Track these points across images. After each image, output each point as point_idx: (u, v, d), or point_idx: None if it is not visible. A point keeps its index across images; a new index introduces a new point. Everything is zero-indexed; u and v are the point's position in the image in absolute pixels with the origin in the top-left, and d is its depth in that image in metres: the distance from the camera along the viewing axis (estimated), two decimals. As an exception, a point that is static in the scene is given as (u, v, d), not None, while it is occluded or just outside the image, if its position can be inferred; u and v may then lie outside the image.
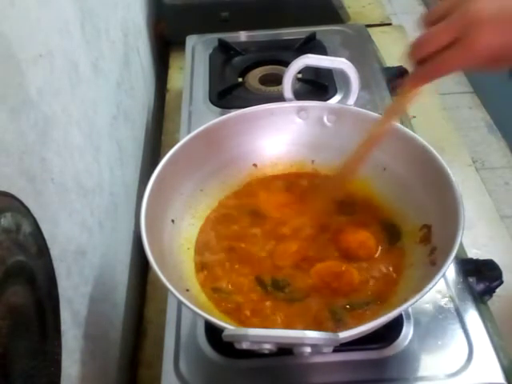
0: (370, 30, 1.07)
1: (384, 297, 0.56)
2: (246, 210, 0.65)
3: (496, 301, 0.66)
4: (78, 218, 0.55)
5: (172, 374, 0.55)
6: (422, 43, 0.48)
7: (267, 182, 0.69)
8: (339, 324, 0.53)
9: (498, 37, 0.44)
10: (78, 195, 0.56)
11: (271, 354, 0.44)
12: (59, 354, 0.43)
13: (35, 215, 0.41)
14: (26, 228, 0.39)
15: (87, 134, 0.62)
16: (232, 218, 0.65)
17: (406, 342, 0.56)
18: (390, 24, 1.24)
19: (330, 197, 0.63)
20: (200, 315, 0.49)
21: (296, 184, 0.68)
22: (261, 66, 0.98)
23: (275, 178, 0.69)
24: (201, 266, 0.60)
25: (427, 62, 0.49)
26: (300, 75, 0.91)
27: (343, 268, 0.58)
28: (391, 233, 0.62)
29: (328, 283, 0.57)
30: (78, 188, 0.56)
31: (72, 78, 0.58)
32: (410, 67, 0.52)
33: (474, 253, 0.73)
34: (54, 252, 0.44)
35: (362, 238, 0.61)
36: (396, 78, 0.95)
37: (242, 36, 1.08)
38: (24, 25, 0.46)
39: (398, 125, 0.65)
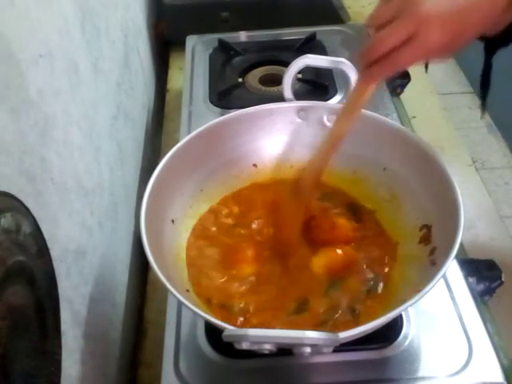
0: (370, 30, 1.07)
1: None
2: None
3: (496, 301, 0.66)
4: (78, 218, 0.55)
5: (172, 373, 0.55)
6: (375, 46, 0.50)
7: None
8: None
9: (448, 31, 0.48)
10: (78, 195, 0.56)
11: (271, 354, 0.44)
12: (59, 354, 0.43)
13: (35, 215, 0.41)
14: (26, 228, 0.39)
15: (87, 134, 0.62)
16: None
17: (406, 342, 0.56)
18: (389, 24, 1.24)
19: (303, 201, 0.63)
20: (200, 315, 0.49)
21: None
22: (261, 67, 0.98)
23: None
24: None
25: (378, 62, 0.51)
26: (300, 75, 0.92)
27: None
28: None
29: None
30: (78, 188, 0.56)
31: (72, 78, 0.58)
32: (359, 68, 0.54)
33: (474, 253, 0.73)
34: (54, 252, 0.44)
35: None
36: (395, 78, 0.95)
37: (242, 36, 1.09)
38: (24, 25, 0.46)
39: (399, 125, 0.65)
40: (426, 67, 0.66)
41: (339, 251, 0.60)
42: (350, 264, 0.59)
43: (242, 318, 0.55)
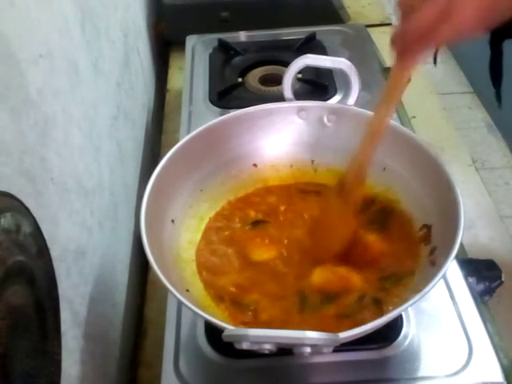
0: (369, 30, 1.07)
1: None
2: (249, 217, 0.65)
3: (496, 301, 0.66)
4: (78, 218, 0.55)
5: (172, 374, 0.55)
6: (410, 27, 0.49)
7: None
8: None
9: (483, 5, 0.47)
10: (78, 195, 0.56)
11: (271, 354, 0.44)
12: (59, 353, 0.43)
13: (35, 215, 0.41)
14: (26, 228, 0.39)
15: (87, 134, 0.62)
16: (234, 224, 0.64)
17: (406, 342, 0.56)
18: (389, 24, 1.24)
19: (351, 206, 0.60)
20: (200, 315, 0.49)
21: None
22: (261, 66, 0.98)
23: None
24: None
25: (413, 43, 0.49)
26: (300, 75, 0.91)
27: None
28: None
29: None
30: (78, 188, 0.56)
31: (72, 78, 0.58)
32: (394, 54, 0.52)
33: (473, 253, 0.73)
34: (54, 252, 0.44)
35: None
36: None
37: (242, 36, 1.09)
38: (24, 25, 0.46)
39: (398, 125, 0.65)
40: (435, 60, 0.65)
41: (340, 273, 0.58)
42: (344, 289, 0.57)
43: (250, 313, 0.55)
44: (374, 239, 0.60)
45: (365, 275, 0.57)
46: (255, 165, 0.69)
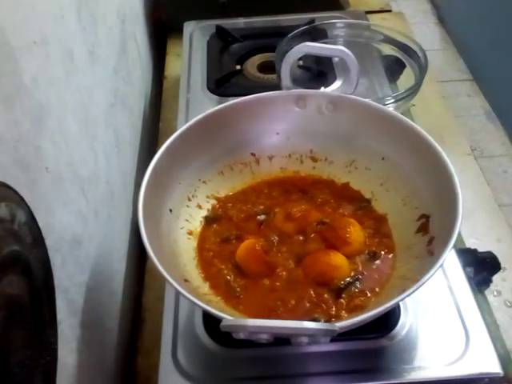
0: (369, 16, 1.06)
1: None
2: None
3: (494, 290, 0.66)
4: (74, 207, 0.55)
5: (170, 362, 0.55)
6: None
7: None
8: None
9: None
10: (74, 184, 0.55)
11: (269, 344, 0.44)
12: (55, 343, 0.42)
13: (30, 205, 0.40)
14: (21, 218, 0.38)
15: (83, 122, 0.61)
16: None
17: (404, 332, 0.57)
18: (389, 11, 1.23)
19: None
20: (198, 305, 0.48)
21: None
22: (259, 54, 0.97)
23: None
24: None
25: None
26: (300, 62, 0.91)
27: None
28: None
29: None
30: (74, 177, 0.56)
31: (67, 66, 0.57)
32: None
33: (472, 242, 0.73)
34: (49, 241, 0.44)
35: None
36: (394, 66, 0.95)
37: (241, 22, 1.07)
38: (18, 11, 0.46)
39: (397, 114, 0.65)
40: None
41: (331, 258, 0.58)
42: (333, 268, 0.57)
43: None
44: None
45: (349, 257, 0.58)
46: (253, 154, 0.69)
